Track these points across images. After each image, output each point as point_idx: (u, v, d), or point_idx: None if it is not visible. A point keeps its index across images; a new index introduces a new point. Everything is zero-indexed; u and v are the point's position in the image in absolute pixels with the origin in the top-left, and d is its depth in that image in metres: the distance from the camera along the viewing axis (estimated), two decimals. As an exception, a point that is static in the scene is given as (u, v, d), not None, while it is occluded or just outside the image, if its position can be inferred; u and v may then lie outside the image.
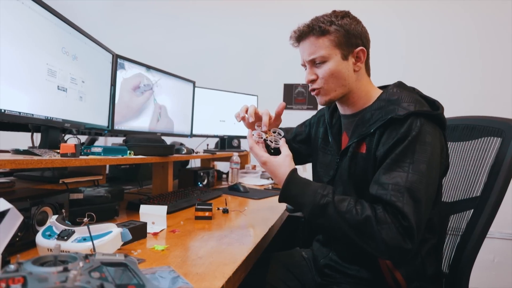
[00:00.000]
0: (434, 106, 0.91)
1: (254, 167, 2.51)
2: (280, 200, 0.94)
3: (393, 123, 0.86)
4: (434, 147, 0.84)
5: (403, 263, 0.89)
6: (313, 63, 0.97)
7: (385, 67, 2.68)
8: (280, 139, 1.02)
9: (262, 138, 1.03)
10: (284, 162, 0.94)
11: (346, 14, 0.96)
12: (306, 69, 1.00)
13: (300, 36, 0.97)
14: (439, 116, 0.88)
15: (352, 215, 0.80)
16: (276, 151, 1.00)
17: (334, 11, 0.97)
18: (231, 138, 2.45)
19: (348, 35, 0.94)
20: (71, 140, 1.49)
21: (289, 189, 0.91)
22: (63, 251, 0.68)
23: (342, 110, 1.05)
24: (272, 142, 1.02)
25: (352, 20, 0.96)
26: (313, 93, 1.01)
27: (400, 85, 0.97)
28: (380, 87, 1.02)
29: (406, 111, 0.84)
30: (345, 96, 0.98)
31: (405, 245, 0.76)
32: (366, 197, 0.88)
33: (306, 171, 2.20)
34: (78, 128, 1.32)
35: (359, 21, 0.98)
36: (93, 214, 0.81)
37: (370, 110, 0.94)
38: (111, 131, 1.47)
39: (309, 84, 1.00)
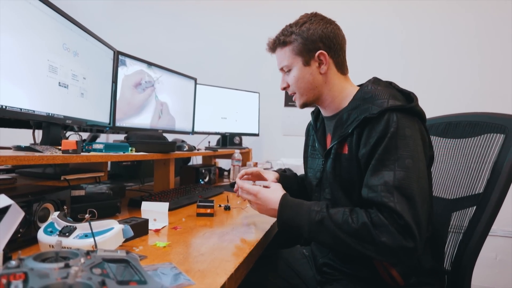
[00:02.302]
0: (409, 98, 0.90)
1: (255, 164, 2.51)
2: (278, 227, 0.94)
3: (370, 122, 0.85)
4: (415, 140, 0.83)
5: (411, 262, 0.87)
6: (284, 71, 1.04)
7: (385, 65, 2.68)
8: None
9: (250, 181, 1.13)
10: (275, 190, 0.98)
11: (308, 19, 0.98)
12: None
13: (271, 48, 1.06)
14: (414, 108, 0.87)
15: (349, 224, 0.80)
16: None
17: (301, 17, 1.01)
18: (233, 135, 2.44)
19: (305, 42, 0.97)
20: (72, 137, 1.49)
21: (283, 213, 0.91)
22: (64, 247, 0.68)
23: (323, 112, 1.07)
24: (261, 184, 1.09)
25: (312, 24, 0.97)
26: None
27: (375, 81, 0.96)
28: (359, 85, 1.02)
29: (379, 109, 0.84)
30: (319, 98, 1.02)
31: (407, 243, 0.75)
32: (355, 197, 0.89)
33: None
34: (80, 125, 1.32)
35: (322, 23, 0.97)
36: (94, 210, 0.81)
37: (347, 111, 0.94)
38: (113, 128, 1.47)
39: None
